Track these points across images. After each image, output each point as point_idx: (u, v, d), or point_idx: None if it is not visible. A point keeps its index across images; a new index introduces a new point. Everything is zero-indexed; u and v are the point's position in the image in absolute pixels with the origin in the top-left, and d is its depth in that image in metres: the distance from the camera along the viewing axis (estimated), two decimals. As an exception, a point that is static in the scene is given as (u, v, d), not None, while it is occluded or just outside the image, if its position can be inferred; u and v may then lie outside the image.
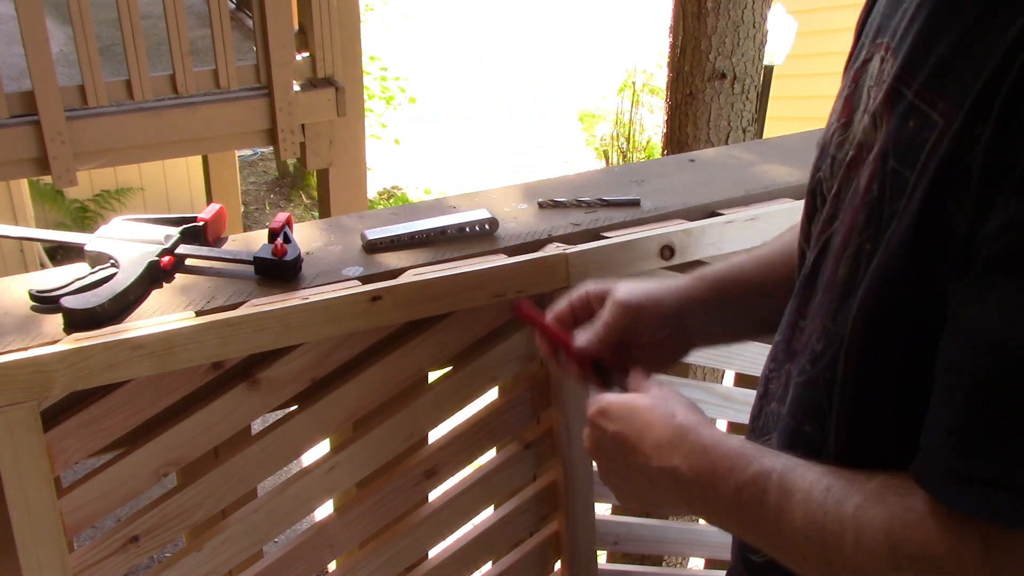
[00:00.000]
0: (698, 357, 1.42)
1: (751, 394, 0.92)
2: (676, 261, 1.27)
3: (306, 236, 1.23)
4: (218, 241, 1.21)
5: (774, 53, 5.66)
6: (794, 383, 0.78)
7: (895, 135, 0.65)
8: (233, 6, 4.17)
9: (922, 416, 0.62)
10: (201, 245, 1.17)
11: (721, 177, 1.46)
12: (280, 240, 1.14)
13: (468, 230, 1.25)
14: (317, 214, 6.01)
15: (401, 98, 8.53)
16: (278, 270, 1.12)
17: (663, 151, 3.43)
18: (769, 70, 5.67)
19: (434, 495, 1.31)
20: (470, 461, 1.32)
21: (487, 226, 1.25)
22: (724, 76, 3.09)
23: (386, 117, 8.30)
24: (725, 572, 0.98)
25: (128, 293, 1.06)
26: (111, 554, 1.09)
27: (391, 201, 8.09)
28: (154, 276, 1.11)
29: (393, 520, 1.27)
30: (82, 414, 1.02)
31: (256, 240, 1.21)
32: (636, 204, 1.35)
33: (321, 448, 1.20)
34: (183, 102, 3.32)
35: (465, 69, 10.95)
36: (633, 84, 8.51)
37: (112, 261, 1.11)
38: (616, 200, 1.34)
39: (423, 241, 1.22)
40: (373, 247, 1.21)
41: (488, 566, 1.41)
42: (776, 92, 6.38)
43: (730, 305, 0.96)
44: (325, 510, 1.26)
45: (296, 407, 1.16)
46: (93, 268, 1.11)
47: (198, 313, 1.05)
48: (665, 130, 3.37)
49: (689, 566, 2.09)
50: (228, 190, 5.76)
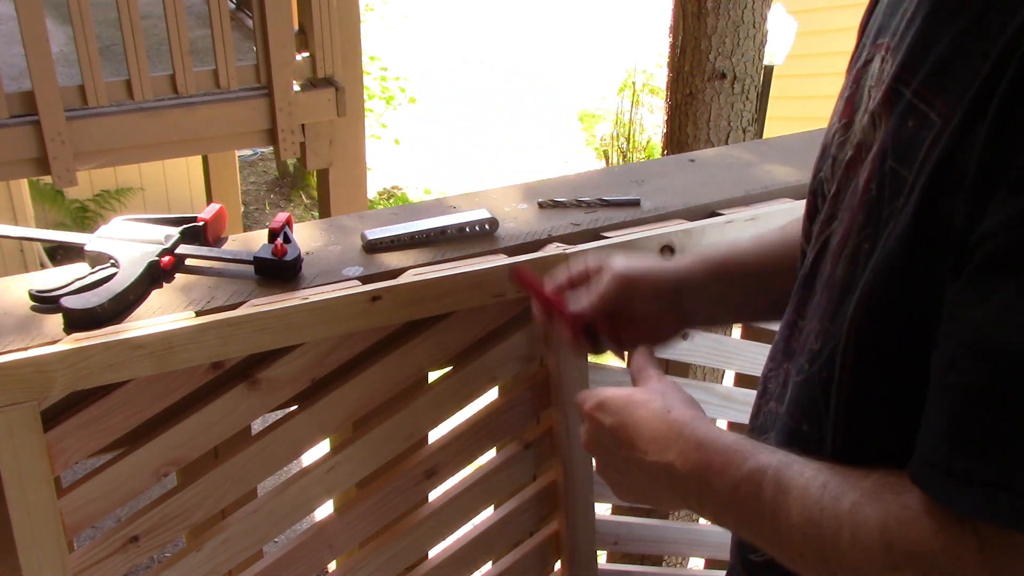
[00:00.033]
0: (698, 357, 1.42)
1: (751, 394, 0.92)
2: (676, 261, 1.27)
3: (306, 236, 1.23)
4: (218, 241, 1.21)
5: (774, 53, 5.66)
6: (792, 382, 0.78)
7: (893, 135, 0.65)
8: (233, 6, 4.17)
9: (919, 415, 0.62)
10: (201, 245, 1.17)
11: (721, 177, 1.46)
12: (280, 240, 1.14)
13: (468, 230, 1.25)
14: (317, 214, 6.01)
15: (401, 98, 8.53)
16: (278, 270, 1.12)
17: (663, 151, 3.44)
18: (769, 70, 5.67)
19: (434, 495, 1.31)
20: (470, 461, 1.31)
21: (487, 226, 1.25)
22: (724, 76, 3.10)
23: (386, 117, 8.31)
24: (725, 572, 0.98)
25: (128, 293, 1.06)
26: (111, 554, 1.09)
27: (391, 201, 8.09)
28: (154, 276, 1.11)
29: (393, 520, 1.27)
30: (82, 414, 1.02)
31: (256, 240, 1.21)
32: (636, 204, 1.35)
33: (321, 448, 1.20)
34: (183, 102, 3.33)
35: (465, 69, 10.96)
36: (633, 84, 8.52)
37: (112, 261, 1.11)
38: (616, 200, 1.34)
39: (423, 241, 1.22)
40: (373, 247, 1.21)
41: (488, 566, 1.41)
42: (776, 92, 6.39)
43: (731, 287, 0.96)
44: (325, 510, 1.26)
45: (296, 407, 1.16)
46: (93, 268, 1.11)
47: (198, 313, 1.05)
48: (665, 130, 3.38)
49: (689, 566, 2.09)
50: (228, 190, 5.77)
